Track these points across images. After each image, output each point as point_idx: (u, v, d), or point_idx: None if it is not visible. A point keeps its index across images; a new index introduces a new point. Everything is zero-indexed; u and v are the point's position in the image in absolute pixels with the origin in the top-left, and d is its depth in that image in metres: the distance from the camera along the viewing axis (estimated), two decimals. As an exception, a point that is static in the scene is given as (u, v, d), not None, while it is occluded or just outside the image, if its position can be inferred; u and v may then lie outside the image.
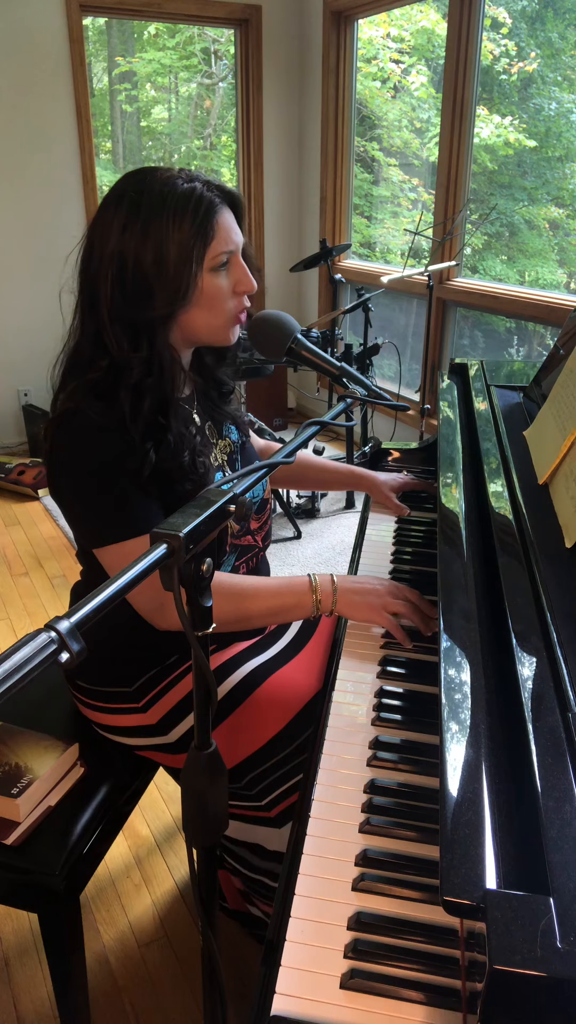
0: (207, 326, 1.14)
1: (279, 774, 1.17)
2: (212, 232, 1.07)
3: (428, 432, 3.49)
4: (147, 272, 1.05)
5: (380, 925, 0.73)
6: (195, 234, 1.05)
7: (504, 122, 4.50)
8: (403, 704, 1.02)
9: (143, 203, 1.05)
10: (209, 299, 1.11)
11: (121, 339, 1.08)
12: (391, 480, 1.57)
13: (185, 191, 1.05)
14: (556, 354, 1.34)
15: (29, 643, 0.50)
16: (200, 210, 1.05)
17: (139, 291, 1.06)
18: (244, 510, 0.73)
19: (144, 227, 1.04)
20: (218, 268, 1.10)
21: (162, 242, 1.04)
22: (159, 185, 1.06)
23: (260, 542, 1.34)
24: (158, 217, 1.04)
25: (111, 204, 1.08)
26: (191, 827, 0.81)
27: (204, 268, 1.08)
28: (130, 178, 1.09)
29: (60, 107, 3.96)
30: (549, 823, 0.59)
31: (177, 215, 1.04)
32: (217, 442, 1.28)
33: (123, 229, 1.05)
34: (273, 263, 4.79)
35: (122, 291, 1.07)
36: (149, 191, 1.05)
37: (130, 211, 1.05)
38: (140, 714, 1.25)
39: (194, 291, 1.08)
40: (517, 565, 0.93)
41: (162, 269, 1.05)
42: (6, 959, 1.53)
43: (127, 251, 1.05)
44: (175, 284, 1.06)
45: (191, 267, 1.06)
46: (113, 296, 1.07)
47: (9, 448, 4.35)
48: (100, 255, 1.07)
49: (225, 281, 1.11)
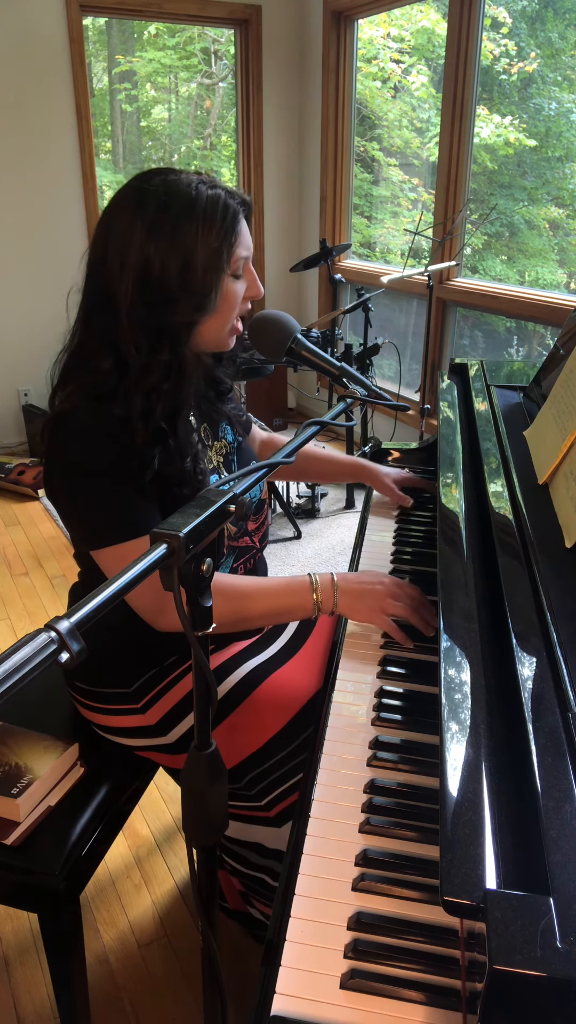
0: (216, 332, 1.14)
1: (279, 774, 1.17)
2: (236, 240, 1.07)
3: (428, 432, 3.48)
4: (172, 278, 1.05)
5: (380, 925, 0.73)
6: (222, 242, 1.05)
7: (504, 122, 4.49)
8: (403, 704, 1.02)
9: (171, 208, 1.04)
10: (227, 305, 1.11)
11: (140, 343, 1.07)
12: (393, 472, 1.58)
13: (211, 197, 1.05)
14: (556, 354, 1.33)
15: (29, 643, 0.50)
16: (227, 218, 1.06)
17: (163, 297, 1.06)
18: (244, 510, 0.73)
19: (173, 233, 1.04)
20: (237, 275, 1.10)
21: (191, 249, 1.04)
22: (185, 189, 1.05)
23: (258, 543, 1.34)
24: (188, 224, 1.04)
25: (130, 206, 1.06)
26: (191, 827, 0.81)
27: (227, 275, 1.08)
28: (150, 179, 1.07)
29: (60, 107, 3.96)
30: (549, 823, 0.59)
31: (206, 222, 1.04)
32: (213, 444, 1.28)
33: (149, 233, 1.04)
34: (273, 263, 4.79)
35: (143, 296, 1.05)
36: (175, 195, 1.04)
37: (157, 215, 1.04)
38: (139, 715, 1.25)
39: (216, 298, 1.08)
40: (517, 565, 0.93)
41: (188, 275, 1.05)
42: (6, 959, 1.53)
43: (153, 256, 1.04)
44: (202, 291, 1.06)
45: (218, 275, 1.06)
46: (133, 300, 1.05)
47: (9, 448, 4.35)
48: (120, 258, 1.05)
49: (241, 287, 1.12)
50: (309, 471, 1.58)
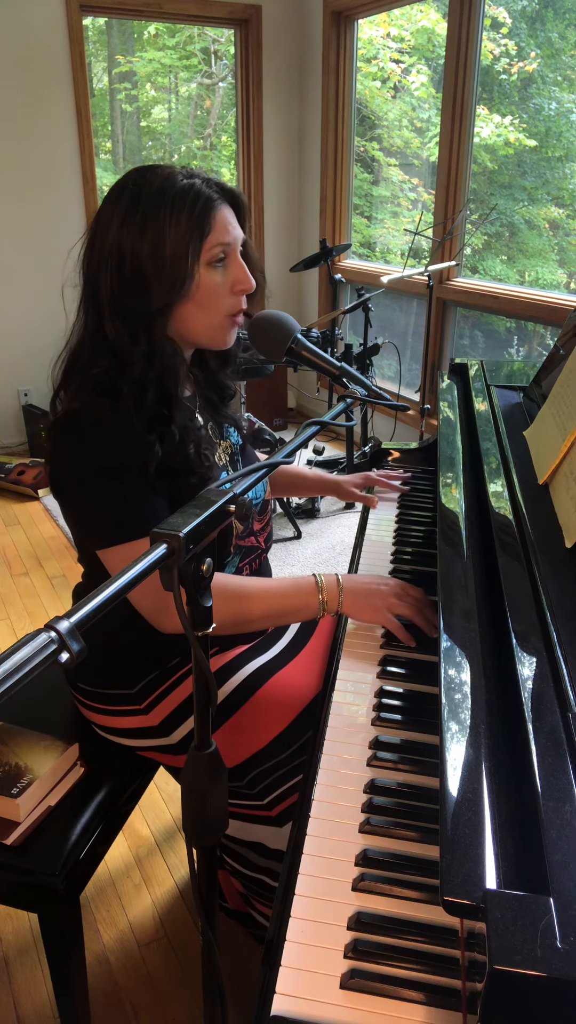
0: (204, 326, 1.14)
1: (281, 773, 1.17)
2: (209, 226, 1.07)
3: (428, 432, 3.48)
4: (144, 263, 1.06)
5: (380, 925, 0.73)
6: (191, 228, 1.06)
7: (504, 122, 4.49)
8: (403, 704, 1.02)
9: (142, 197, 1.06)
10: (205, 295, 1.11)
11: (121, 331, 1.08)
12: (351, 477, 1.61)
13: (184, 186, 1.07)
14: (556, 354, 1.34)
15: (29, 643, 0.50)
16: (197, 205, 1.06)
17: (137, 282, 1.07)
18: (244, 510, 0.73)
19: (142, 220, 1.05)
20: (214, 263, 1.10)
21: (159, 235, 1.05)
22: (159, 180, 1.07)
23: (263, 543, 1.34)
24: (156, 211, 1.05)
25: (112, 199, 1.09)
26: (191, 827, 0.81)
27: (201, 262, 1.08)
28: (132, 174, 1.10)
29: (60, 107, 3.96)
30: (549, 823, 0.59)
31: (175, 209, 1.05)
32: (220, 443, 1.28)
33: (122, 222, 1.06)
34: (273, 263, 4.79)
35: (120, 282, 1.08)
36: (148, 186, 1.07)
37: (129, 205, 1.06)
38: (142, 716, 1.25)
39: (191, 285, 1.09)
40: (517, 565, 0.93)
41: (159, 261, 1.06)
42: (6, 959, 1.53)
43: (125, 243, 1.06)
44: (172, 276, 1.07)
45: (188, 260, 1.07)
46: (112, 288, 1.08)
47: (9, 448, 4.35)
48: (101, 252, 1.08)
49: (222, 278, 1.12)
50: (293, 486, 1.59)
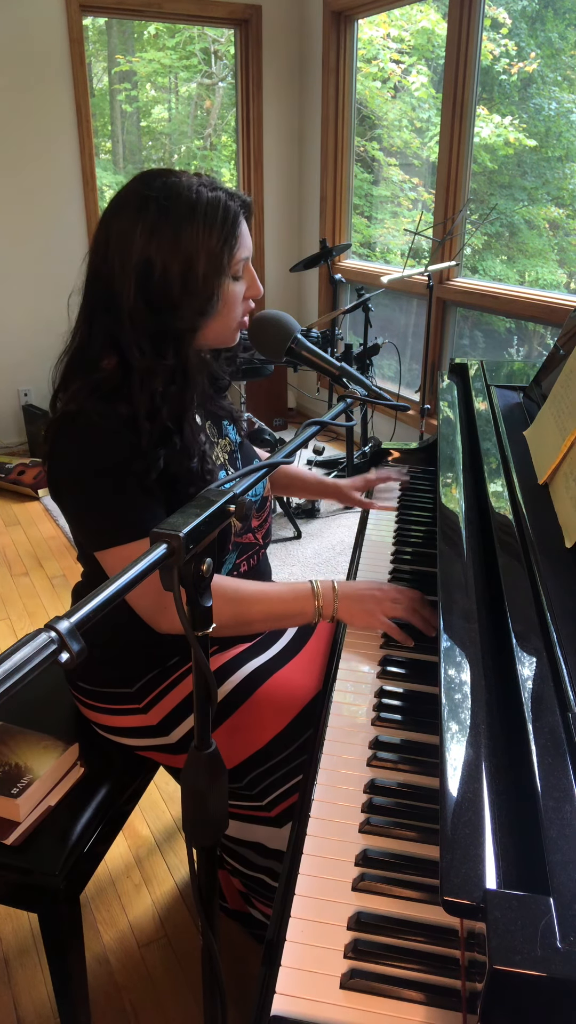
0: (220, 332, 1.14)
1: (280, 774, 1.17)
2: (236, 242, 1.07)
3: (428, 432, 3.48)
4: (174, 282, 1.05)
5: (380, 925, 0.73)
6: (223, 244, 1.05)
7: (504, 122, 4.49)
8: (403, 704, 1.02)
9: (172, 210, 1.03)
10: (228, 307, 1.11)
11: (143, 346, 1.06)
12: (351, 481, 1.59)
13: (212, 200, 1.05)
14: (556, 354, 1.34)
15: (29, 643, 0.50)
16: (228, 220, 1.05)
17: (165, 301, 1.06)
18: (244, 510, 0.73)
19: (174, 235, 1.03)
20: (238, 276, 1.10)
21: (192, 251, 1.04)
22: (185, 192, 1.04)
23: (261, 540, 1.34)
24: (189, 226, 1.03)
25: (131, 207, 1.05)
26: (191, 827, 0.81)
27: (228, 277, 1.08)
28: (151, 181, 1.06)
29: (60, 107, 3.96)
30: (549, 823, 0.59)
31: (207, 224, 1.04)
32: (218, 441, 1.28)
33: (150, 235, 1.03)
34: (273, 263, 4.79)
35: (146, 299, 1.05)
36: (176, 198, 1.04)
37: (159, 217, 1.03)
38: (141, 715, 1.25)
39: (219, 301, 1.08)
40: (517, 565, 0.93)
41: (190, 279, 1.05)
42: (6, 959, 1.53)
43: (154, 258, 1.04)
44: (204, 294, 1.06)
45: (219, 277, 1.06)
46: (136, 303, 1.05)
47: (9, 448, 4.35)
48: (122, 260, 1.05)
49: (241, 288, 1.12)
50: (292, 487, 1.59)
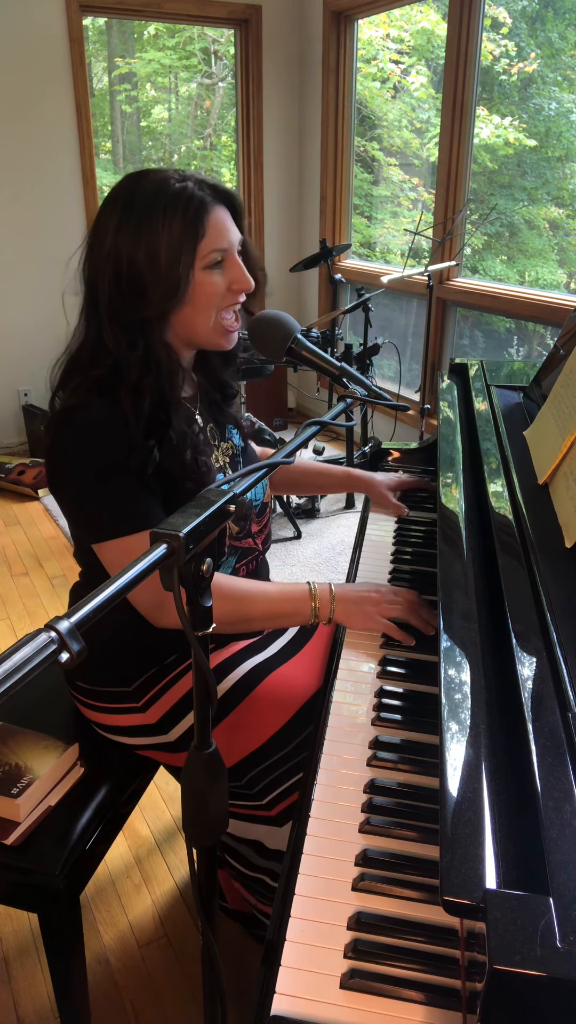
0: (203, 327, 1.15)
1: (279, 772, 1.17)
2: (203, 230, 1.07)
3: (428, 432, 3.48)
4: (141, 271, 1.07)
5: (380, 925, 0.73)
6: (184, 232, 1.06)
7: (504, 122, 4.49)
8: (403, 704, 1.02)
9: (135, 203, 1.06)
10: (204, 298, 1.11)
11: (119, 338, 1.09)
12: (388, 479, 1.57)
13: (176, 190, 1.07)
14: (556, 354, 1.33)
15: (29, 643, 0.50)
16: (190, 209, 1.06)
17: (134, 290, 1.08)
18: (244, 510, 0.73)
19: (136, 227, 1.06)
20: (212, 267, 1.10)
21: (153, 241, 1.06)
22: (151, 186, 1.07)
23: (260, 545, 1.34)
24: (148, 216, 1.06)
25: (107, 206, 1.10)
26: (191, 827, 0.81)
27: (196, 267, 1.09)
28: (127, 180, 1.11)
29: (60, 107, 3.96)
30: (549, 823, 0.59)
31: (167, 214, 1.05)
32: (219, 444, 1.28)
33: (117, 229, 1.07)
34: (273, 263, 4.79)
35: (118, 290, 1.08)
36: (141, 192, 1.07)
37: (123, 212, 1.07)
38: (139, 714, 1.25)
39: (187, 289, 1.09)
40: (517, 565, 0.93)
41: (155, 267, 1.06)
42: (6, 959, 1.53)
43: (121, 251, 1.07)
44: (168, 282, 1.07)
45: (180, 265, 1.07)
46: (111, 295, 1.08)
47: (9, 448, 4.35)
48: (98, 258, 1.09)
49: (220, 279, 1.12)
50: (303, 483, 1.58)
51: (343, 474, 1.57)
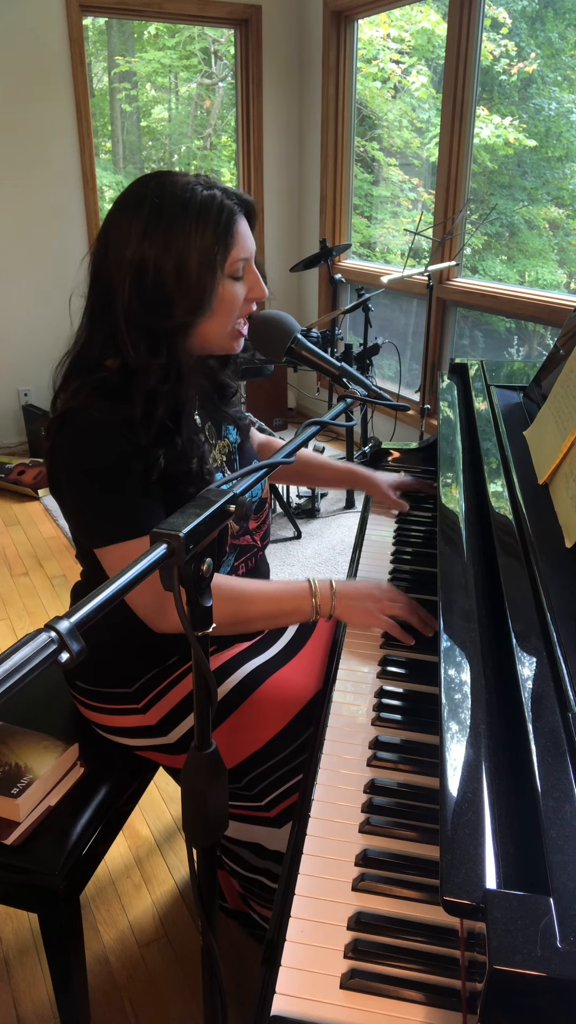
0: (218, 335, 1.14)
1: (279, 774, 1.17)
2: (232, 240, 1.07)
3: (428, 432, 3.48)
4: (167, 280, 1.05)
5: (380, 925, 0.73)
6: (216, 242, 1.05)
7: (504, 122, 4.49)
8: (403, 704, 1.02)
9: (164, 209, 1.04)
10: (226, 307, 1.10)
11: (138, 345, 1.07)
12: (390, 478, 1.57)
13: (206, 198, 1.05)
14: (556, 354, 1.34)
15: (29, 643, 0.50)
16: (222, 218, 1.05)
17: (159, 299, 1.06)
18: (244, 510, 0.72)
19: (166, 234, 1.04)
20: (236, 276, 1.10)
21: (184, 250, 1.04)
22: (179, 191, 1.05)
23: (259, 542, 1.34)
24: (180, 224, 1.04)
25: (129, 208, 1.06)
26: (191, 827, 0.81)
27: (223, 276, 1.08)
28: (148, 182, 1.08)
29: (60, 107, 3.96)
30: (549, 823, 0.59)
31: (199, 223, 1.04)
32: (216, 443, 1.28)
33: (143, 235, 1.04)
34: (273, 263, 4.79)
35: (140, 298, 1.06)
36: (170, 197, 1.04)
37: (151, 217, 1.04)
38: (140, 715, 1.25)
39: (212, 299, 1.08)
40: (517, 565, 0.93)
41: (183, 277, 1.05)
42: (6, 959, 1.53)
43: (147, 258, 1.04)
44: (196, 292, 1.06)
45: (212, 276, 1.06)
46: (131, 303, 1.06)
47: (9, 448, 4.35)
48: (117, 260, 1.06)
49: (241, 289, 1.12)
50: (305, 475, 1.58)
51: (345, 469, 1.57)
